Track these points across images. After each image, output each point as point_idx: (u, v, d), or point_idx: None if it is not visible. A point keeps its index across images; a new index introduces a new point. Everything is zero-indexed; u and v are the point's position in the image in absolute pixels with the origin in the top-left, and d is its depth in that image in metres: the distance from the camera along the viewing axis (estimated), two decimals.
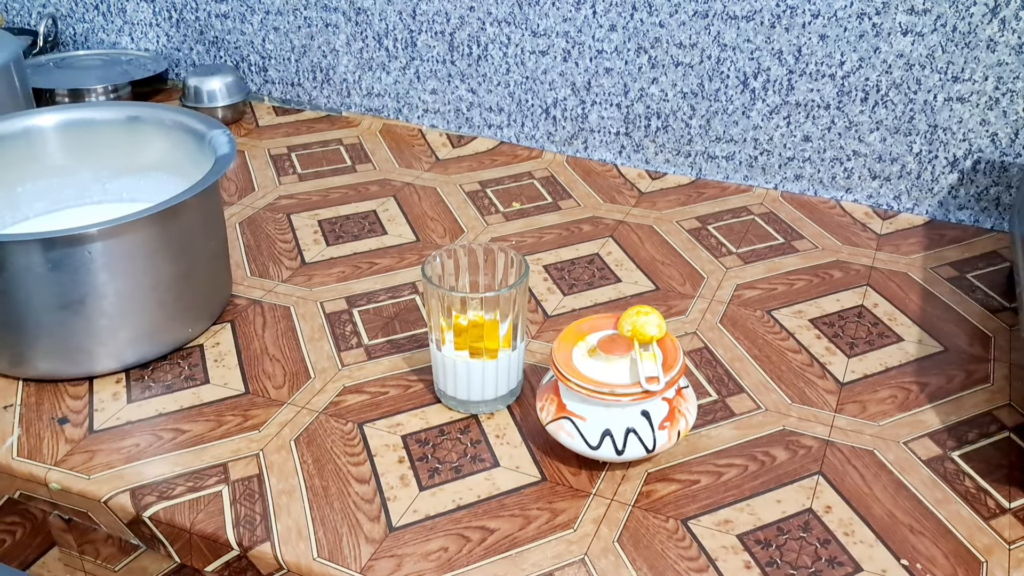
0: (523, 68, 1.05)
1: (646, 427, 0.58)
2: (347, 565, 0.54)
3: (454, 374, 0.64)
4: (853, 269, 0.84)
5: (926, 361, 0.72)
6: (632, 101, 1.02)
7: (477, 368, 0.63)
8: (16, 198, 0.80)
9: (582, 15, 0.99)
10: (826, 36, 0.90)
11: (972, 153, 0.89)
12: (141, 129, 0.81)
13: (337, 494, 0.59)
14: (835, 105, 0.92)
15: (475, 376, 0.64)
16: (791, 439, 0.64)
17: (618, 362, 0.59)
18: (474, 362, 0.63)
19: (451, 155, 1.08)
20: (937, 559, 0.54)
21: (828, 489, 0.60)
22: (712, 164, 1.01)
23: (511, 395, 0.67)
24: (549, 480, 0.60)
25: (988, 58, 0.85)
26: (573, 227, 0.92)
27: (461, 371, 0.64)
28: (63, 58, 1.27)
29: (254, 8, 1.17)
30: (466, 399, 0.65)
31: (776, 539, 0.56)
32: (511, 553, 0.55)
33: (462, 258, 0.66)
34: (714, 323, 0.76)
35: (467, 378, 0.64)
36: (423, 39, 1.09)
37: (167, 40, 1.26)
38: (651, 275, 0.84)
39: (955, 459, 0.62)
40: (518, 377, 0.67)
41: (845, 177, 0.96)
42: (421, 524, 0.57)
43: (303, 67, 1.18)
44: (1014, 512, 0.58)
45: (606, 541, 0.56)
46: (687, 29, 0.95)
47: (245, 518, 0.57)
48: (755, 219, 0.93)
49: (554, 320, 0.77)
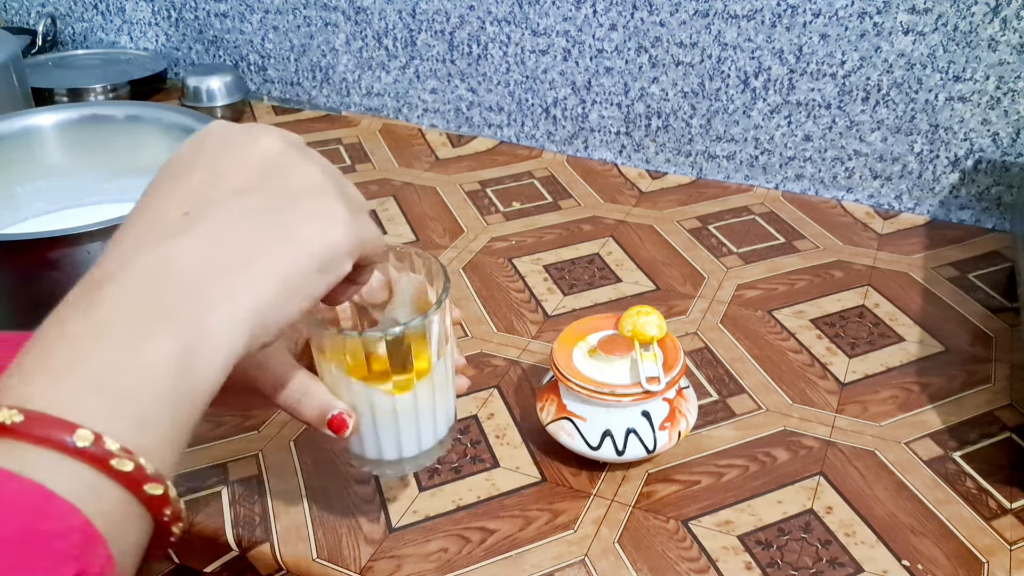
0: (523, 67, 1.05)
1: (647, 427, 0.57)
2: (347, 566, 0.54)
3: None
4: (854, 269, 0.84)
5: (927, 361, 0.72)
6: (632, 100, 1.01)
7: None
8: (15, 198, 0.79)
9: (582, 14, 0.99)
10: (827, 35, 0.89)
11: (973, 153, 0.89)
12: (140, 129, 0.81)
13: (337, 495, 0.59)
14: (836, 104, 0.92)
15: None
16: (792, 439, 0.64)
17: (618, 362, 0.59)
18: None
19: (451, 155, 1.08)
20: (938, 560, 0.54)
21: (829, 490, 0.59)
22: (713, 164, 1.01)
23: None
24: (549, 481, 0.60)
25: (989, 57, 0.84)
26: (573, 227, 0.92)
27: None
28: (62, 57, 1.26)
29: (253, 7, 1.16)
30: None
31: (777, 540, 0.56)
32: (511, 554, 0.55)
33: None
34: (715, 323, 0.76)
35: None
36: (423, 38, 1.09)
37: (166, 39, 1.26)
38: (651, 275, 0.83)
39: (956, 460, 0.62)
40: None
41: (846, 177, 0.96)
42: (421, 525, 0.57)
43: (302, 66, 1.18)
44: (1015, 513, 0.58)
45: (606, 542, 0.56)
46: (688, 28, 0.95)
47: (244, 519, 0.57)
48: (756, 219, 0.93)
49: (554, 320, 0.77)
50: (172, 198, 0.34)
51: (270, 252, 0.33)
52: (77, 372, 0.29)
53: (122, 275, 0.31)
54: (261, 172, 0.35)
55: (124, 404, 0.29)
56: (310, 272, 0.34)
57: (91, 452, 0.27)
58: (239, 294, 0.32)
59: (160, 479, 0.29)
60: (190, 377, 0.31)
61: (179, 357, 0.30)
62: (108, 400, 0.29)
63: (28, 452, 0.27)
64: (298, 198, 0.35)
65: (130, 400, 0.29)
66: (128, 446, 0.28)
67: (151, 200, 0.34)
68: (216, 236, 0.33)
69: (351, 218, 0.36)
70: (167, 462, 0.30)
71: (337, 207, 0.36)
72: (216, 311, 0.32)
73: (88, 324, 0.30)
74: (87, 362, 0.29)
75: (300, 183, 0.35)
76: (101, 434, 0.28)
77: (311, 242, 0.35)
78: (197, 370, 0.31)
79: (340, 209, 0.36)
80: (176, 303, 0.31)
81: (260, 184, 0.35)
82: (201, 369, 0.31)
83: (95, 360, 0.29)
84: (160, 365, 0.30)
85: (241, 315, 0.32)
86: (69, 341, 0.30)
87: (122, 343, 0.30)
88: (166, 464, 0.30)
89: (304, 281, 0.34)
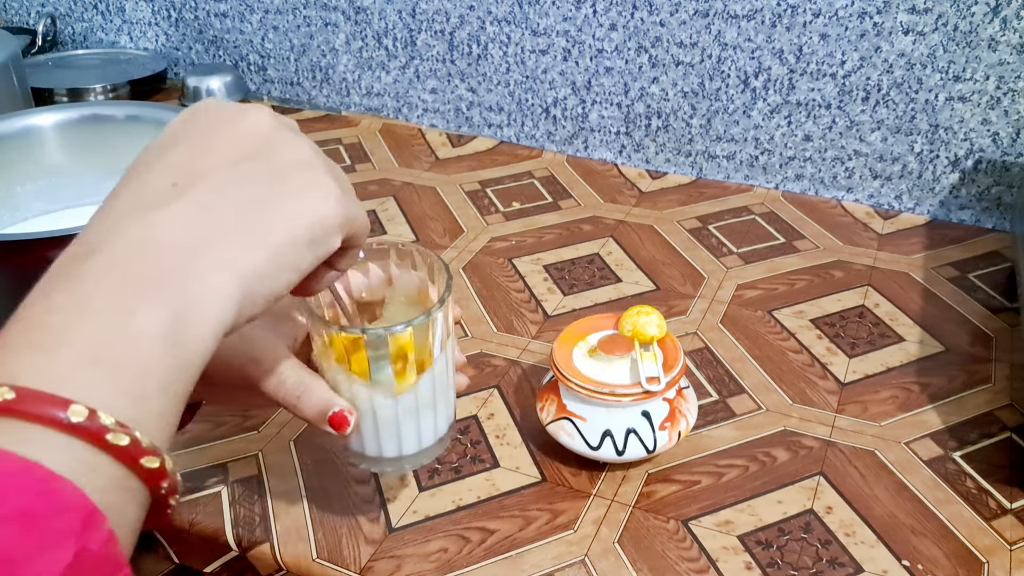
0: (523, 67, 1.05)
1: (647, 427, 0.57)
2: (347, 566, 0.54)
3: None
4: (854, 269, 0.84)
5: (927, 361, 0.72)
6: (632, 100, 1.01)
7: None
8: (15, 198, 0.79)
9: (582, 14, 0.99)
10: (827, 35, 0.89)
11: (973, 153, 0.89)
12: (140, 129, 0.81)
13: (337, 495, 0.59)
14: (836, 104, 0.92)
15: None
16: (792, 440, 0.64)
17: (618, 362, 0.59)
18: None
19: (451, 155, 1.08)
20: (938, 560, 0.54)
21: (829, 490, 0.59)
22: (713, 164, 1.01)
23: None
24: (549, 481, 0.60)
25: (989, 57, 0.84)
26: (573, 227, 0.92)
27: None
28: (62, 57, 1.26)
29: (253, 7, 1.16)
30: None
31: (777, 540, 0.56)
32: (511, 554, 0.55)
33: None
34: (715, 323, 0.76)
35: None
36: (423, 38, 1.09)
37: (166, 39, 1.26)
38: (651, 275, 0.83)
39: (956, 460, 0.62)
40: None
41: (846, 177, 0.96)
42: (421, 525, 0.57)
43: (302, 66, 1.18)
44: (1015, 513, 0.58)
45: (606, 542, 0.55)
46: (688, 28, 0.95)
47: (244, 519, 0.57)
48: (756, 219, 0.93)
49: (554, 320, 0.77)
50: (160, 170, 0.34)
51: (260, 222, 0.33)
52: (66, 346, 0.28)
53: (108, 246, 0.31)
54: (251, 146, 0.35)
55: (116, 377, 0.29)
56: (300, 244, 0.34)
57: (86, 427, 0.27)
58: (228, 263, 0.32)
59: (156, 452, 0.29)
60: (180, 348, 0.30)
61: (168, 327, 0.30)
62: (100, 374, 0.28)
63: (22, 430, 0.27)
64: (288, 171, 0.35)
65: (122, 373, 0.29)
66: (122, 419, 0.28)
67: (139, 172, 0.34)
68: (205, 206, 0.32)
69: (341, 194, 0.36)
70: (161, 436, 0.30)
71: (328, 181, 0.35)
72: (204, 280, 0.31)
73: (74, 297, 0.29)
74: (76, 336, 0.29)
75: (290, 157, 0.35)
76: (95, 409, 0.27)
77: (302, 214, 0.34)
78: (187, 341, 0.30)
79: (331, 183, 0.35)
80: (164, 273, 0.31)
81: (250, 157, 0.34)
82: (191, 340, 0.31)
83: (84, 333, 0.29)
84: (149, 336, 0.29)
85: (230, 284, 0.32)
86: (55, 315, 0.29)
87: (110, 315, 0.29)
88: (160, 438, 0.30)
89: (293, 252, 0.34)
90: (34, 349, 0.28)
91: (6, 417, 0.27)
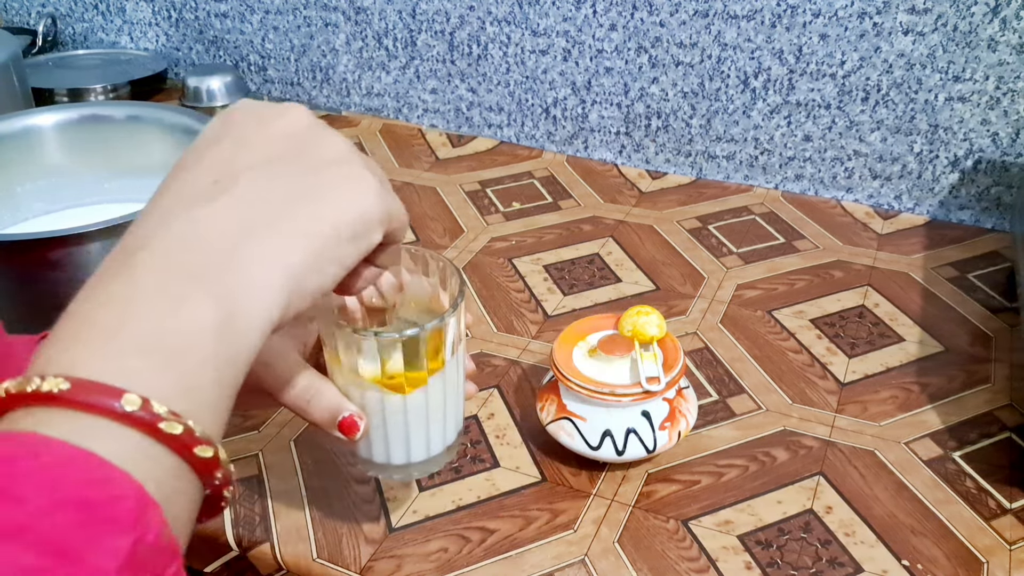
0: (523, 67, 1.05)
1: (646, 427, 0.57)
2: (347, 566, 0.54)
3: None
4: (854, 269, 0.84)
5: (927, 361, 0.72)
6: (632, 101, 1.01)
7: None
8: (16, 198, 0.79)
9: (582, 14, 0.99)
10: (827, 35, 0.89)
11: (973, 153, 0.89)
12: (141, 129, 0.81)
13: (337, 495, 0.59)
14: (836, 105, 0.92)
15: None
16: (792, 439, 0.64)
17: (618, 362, 0.59)
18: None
19: (451, 155, 1.08)
20: (938, 560, 0.54)
21: (829, 490, 0.59)
22: (712, 164, 1.01)
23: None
24: (549, 481, 0.60)
25: (989, 57, 0.84)
26: (573, 227, 0.92)
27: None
28: (62, 57, 1.26)
29: (253, 7, 1.16)
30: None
31: (777, 540, 0.56)
32: (511, 554, 0.55)
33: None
34: (715, 323, 0.76)
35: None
36: (423, 38, 1.09)
37: (166, 39, 1.26)
38: (651, 275, 0.83)
39: (956, 459, 0.62)
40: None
41: (846, 177, 0.96)
42: (421, 525, 0.57)
43: (302, 66, 1.18)
44: (1015, 512, 0.58)
45: (606, 542, 0.56)
46: (687, 28, 0.95)
47: (245, 519, 0.57)
48: (756, 219, 0.93)
49: (554, 320, 0.77)
50: (201, 168, 0.34)
51: (302, 216, 0.33)
52: (117, 337, 0.29)
53: (154, 242, 0.31)
54: (290, 143, 0.35)
55: (167, 368, 0.29)
56: (343, 238, 0.34)
57: (139, 416, 0.27)
58: (272, 257, 0.32)
59: (209, 441, 0.29)
60: (229, 340, 0.31)
61: (218, 320, 0.30)
62: (151, 364, 0.29)
63: (77, 420, 0.27)
64: (328, 167, 0.35)
65: (173, 364, 0.29)
66: (175, 409, 0.28)
67: (180, 172, 0.34)
68: (247, 201, 0.33)
69: (381, 188, 0.36)
70: (213, 426, 0.30)
71: (367, 175, 0.36)
72: (251, 273, 0.31)
73: (123, 291, 0.30)
74: (126, 327, 0.29)
75: (328, 154, 0.36)
76: (148, 398, 0.28)
77: (344, 209, 0.35)
78: (235, 333, 0.31)
79: (370, 178, 0.36)
80: (210, 266, 0.31)
81: (289, 153, 0.35)
82: (239, 333, 0.31)
83: (134, 325, 0.29)
84: (198, 328, 0.30)
85: (277, 278, 0.32)
86: (105, 308, 0.30)
87: (159, 307, 0.30)
88: (212, 429, 0.30)
89: (337, 246, 0.34)
90: (87, 342, 0.29)
91: (61, 407, 0.27)
